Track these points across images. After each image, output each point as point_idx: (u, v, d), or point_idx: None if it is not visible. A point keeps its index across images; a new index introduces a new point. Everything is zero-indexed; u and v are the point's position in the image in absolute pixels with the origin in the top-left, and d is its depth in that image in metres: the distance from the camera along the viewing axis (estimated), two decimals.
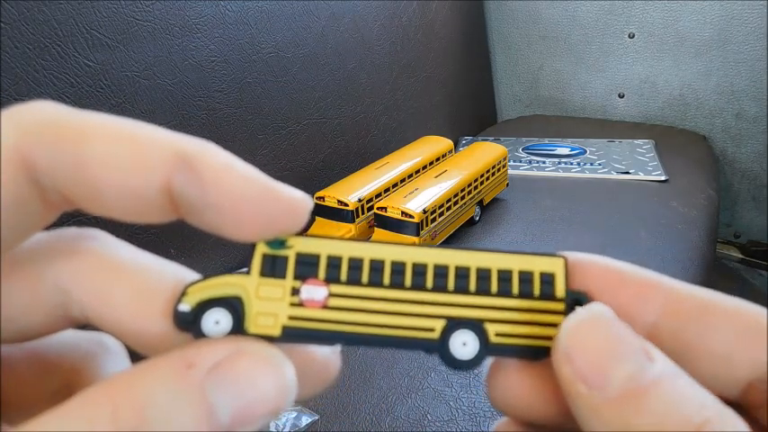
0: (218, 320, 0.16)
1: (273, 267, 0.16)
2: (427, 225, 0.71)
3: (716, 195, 1.01)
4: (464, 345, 0.16)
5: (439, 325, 0.16)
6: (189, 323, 0.15)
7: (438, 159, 0.89)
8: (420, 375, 0.58)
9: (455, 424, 0.52)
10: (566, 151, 1.14)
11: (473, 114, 1.37)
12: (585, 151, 1.14)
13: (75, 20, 0.56)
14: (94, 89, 0.58)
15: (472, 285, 0.17)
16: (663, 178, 0.99)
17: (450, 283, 0.17)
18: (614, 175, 1.02)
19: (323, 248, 0.16)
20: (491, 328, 0.16)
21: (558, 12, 1.33)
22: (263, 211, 0.15)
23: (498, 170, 0.89)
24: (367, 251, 0.17)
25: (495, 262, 0.17)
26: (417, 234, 0.69)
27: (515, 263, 0.17)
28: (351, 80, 0.94)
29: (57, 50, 0.55)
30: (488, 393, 0.17)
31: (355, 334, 0.17)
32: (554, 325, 0.16)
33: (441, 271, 0.17)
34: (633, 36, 1.28)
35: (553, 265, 0.17)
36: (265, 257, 0.16)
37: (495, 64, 1.46)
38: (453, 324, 0.16)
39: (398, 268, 0.16)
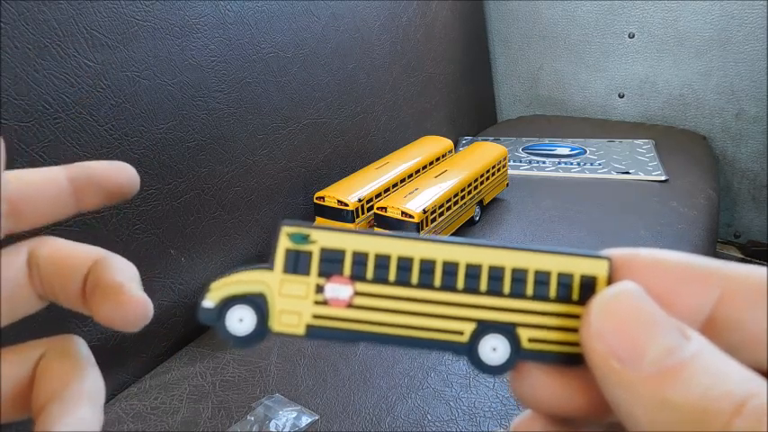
0: (242, 318, 0.15)
1: (297, 263, 0.16)
2: (427, 225, 0.71)
3: (716, 195, 1.01)
4: (494, 350, 0.16)
5: (469, 328, 0.16)
6: (213, 320, 0.15)
7: (438, 159, 0.89)
8: (420, 375, 0.58)
9: (455, 424, 0.52)
10: (566, 151, 1.14)
11: (473, 114, 1.37)
12: (585, 151, 1.14)
13: (75, 20, 0.56)
14: (94, 89, 0.58)
15: (506, 287, 0.16)
16: (663, 178, 0.99)
17: (483, 285, 0.16)
18: (614, 175, 1.02)
19: (348, 243, 0.16)
20: (524, 334, 0.16)
21: (558, 12, 1.33)
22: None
23: (498, 170, 0.89)
24: (395, 247, 0.16)
25: (532, 262, 0.16)
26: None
27: (555, 264, 0.16)
28: (351, 80, 0.94)
29: (57, 50, 0.55)
30: (511, 385, 0.16)
31: (381, 335, 0.16)
32: None
33: (473, 271, 0.16)
34: (633, 36, 1.28)
35: (596, 268, 0.16)
36: (288, 253, 0.16)
37: (495, 64, 1.46)
38: (484, 328, 0.16)
39: (428, 267, 0.16)
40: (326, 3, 0.89)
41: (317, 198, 0.75)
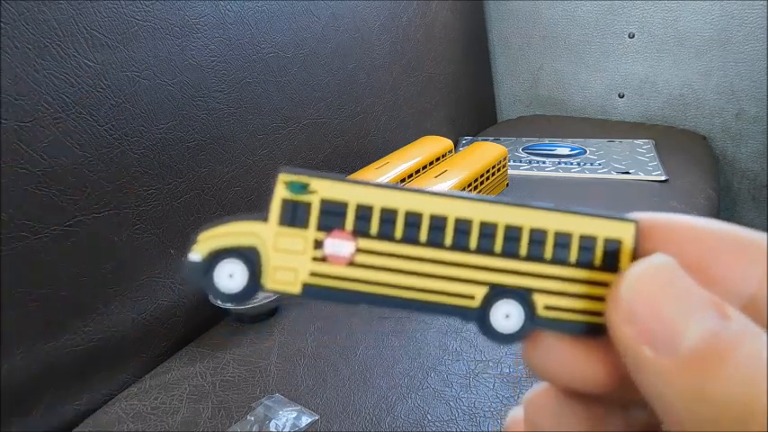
0: (232, 273, 0.14)
1: (294, 215, 0.14)
2: None
3: (716, 195, 1.00)
4: (507, 317, 0.14)
5: (480, 292, 0.14)
6: (200, 275, 0.14)
7: (438, 159, 0.89)
8: (420, 375, 0.58)
9: (455, 424, 0.52)
10: (566, 151, 1.14)
11: (473, 114, 1.37)
12: (585, 151, 1.14)
13: (75, 20, 0.56)
14: (94, 89, 0.58)
15: (523, 249, 0.14)
16: (663, 178, 0.99)
17: (498, 245, 0.14)
18: (614, 175, 1.02)
19: (352, 195, 0.14)
20: (540, 300, 0.14)
21: (558, 12, 1.33)
22: None
23: (498, 170, 0.89)
24: (403, 201, 0.14)
25: (553, 223, 0.14)
26: None
27: (577, 225, 0.14)
28: (351, 80, 0.94)
29: (57, 50, 0.55)
30: (524, 355, 0.15)
31: (384, 296, 0.14)
32: None
33: (488, 230, 0.14)
34: (633, 36, 1.28)
35: (621, 231, 0.14)
36: (285, 203, 0.14)
37: (495, 64, 1.46)
38: (497, 292, 0.14)
39: (438, 224, 0.14)
40: (326, 3, 0.89)
41: None
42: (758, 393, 0.11)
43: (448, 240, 0.14)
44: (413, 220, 0.14)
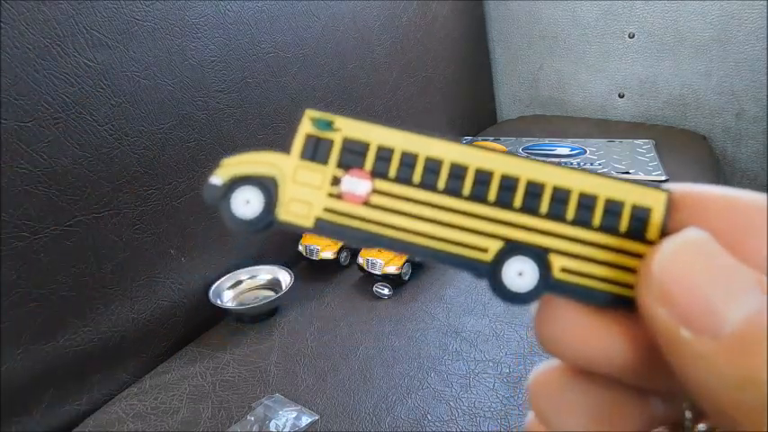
0: (248, 200, 0.14)
1: (316, 150, 0.14)
2: None
3: None
4: (520, 275, 0.14)
5: (495, 246, 0.14)
6: (218, 198, 0.14)
7: None
8: (420, 375, 0.58)
9: (455, 424, 0.52)
10: (566, 151, 1.14)
11: (473, 114, 1.37)
12: (585, 151, 1.14)
13: (75, 20, 0.56)
14: (94, 89, 0.58)
15: (544, 207, 0.14)
16: (663, 178, 0.99)
17: (518, 200, 0.14)
18: (614, 175, 1.02)
19: (375, 136, 0.14)
20: (557, 262, 0.14)
21: (558, 12, 1.33)
22: None
23: None
24: (425, 147, 0.14)
25: (578, 183, 0.14)
26: None
27: (604, 188, 0.14)
28: (351, 80, 0.94)
29: (57, 50, 0.55)
30: (536, 324, 0.14)
31: (394, 240, 0.14)
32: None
33: (509, 183, 0.14)
34: (633, 36, 1.28)
35: (652, 199, 0.14)
36: (309, 138, 0.15)
37: (495, 64, 1.46)
38: (512, 248, 0.14)
39: (458, 172, 0.14)
40: (326, 3, 0.89)
41: None
42: None
43: (466, 190, 0.14)
44: (433, 166, 0.14)
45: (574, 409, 0.14)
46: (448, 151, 0.14)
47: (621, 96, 1.34)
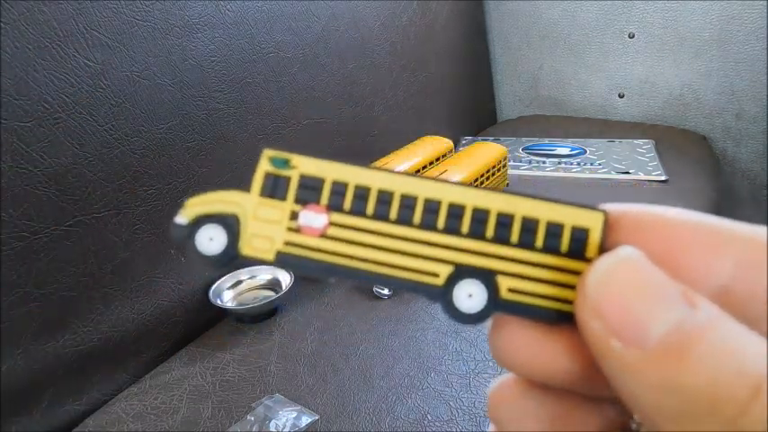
0: (212, 237, 0.15)
1: (274, 188, 0.15)
2: None
3: (716, 195, 1.00)
4: (470, 296, 0.14)
5: (445, 271, 0.15)
6: (183, 237, 0.15)
7: (438, 159, 0.89)
8: (420, 375, 0.58)
9: (455, 424, 0.52)
10: (566, 151, 1.14)
11: (473, 114, 1.37)
12: (585, 151, 1.14)
13: (75, 20, 0.56)
14: (94, 89, 0.58)
15: (489, 231, 0.15)
16: (663, 178, 0.99)
17: (465, 226, 0.15)
18: (614, 175, 1.02)
19: (329, 172, 0.15)
20: (504, 282, 0.14)
21: (558, 12, 1.33)
22: None
23: (498, 170, 0.89)
24: (377, 180, 0.15)
25: (521, 208, 0.15)
26: None
27: (545, 212, 0.14)
28: (351, 80, 0.94)
29: (57, 50, 0.55)
30: (490, 342, 0.15)
31: (352, 269, 0.15)
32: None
33: (456, 211, 0.15)
34: (633, 36, 1.28)
35: (590, 220, 0.14)
36: (267, 176, 0.15)
37: (495, 64, 1.46)
38: (461, 272, 0.15)
39: (409, 203, 0.15)
40: (326, 3, 0.89)
41: None
42: (725, 381, 0.11)
43: (417, 219, 0.15)
44: (384, 197, 0.15)
45: (531, 418, 0.15)
46: (398, 183, 0.15)
47: (621, 96, 1.34)
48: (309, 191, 0.15)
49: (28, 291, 0.54)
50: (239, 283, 0.73)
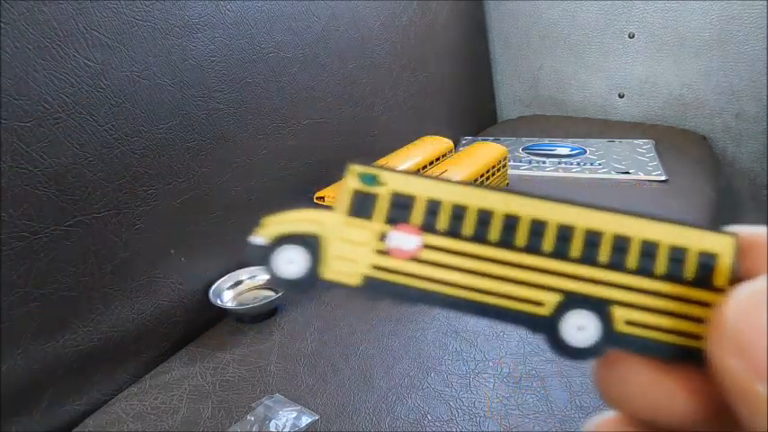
0: (292, 260, 0.14)
1: (362, 206, 0.14)
2: None
3: (716, 195, 1.00)
4: (580, 329, 0.13)
5: (552, 299, 0.13)
6: (261, 259, 0.14)
7: (438, 159, 0.89)
8: (420, 375, 0.58)
9: (455, 424, 0.52)
10: (566, 151, 1.14)
11: (473, 114, 1.37)
12: (585, 151, 1.14)
13: (75, 20, 0.56)
14: (94, 89, 0.58)
15: (603, 256, 0.13)
16: (663, 178, 0.99)
17: (576, 250, 0.13)
18: (614, 175, 1.02)
19: (422, 189, 0.14)
20: (620, 314, 0.13)
21: (558, 12, 1.33)
22: None
23: (498, 170, 0.89)
24: (476, 198, 0.13)
25: (640, 230, 0.13)
26: None
27: (666, 234, 0.13)
28: (351, 80, 0.94)
29: (57, 50, 0.55)
30: (596, 376, 0.13)
31: (446, 296, 0.13)
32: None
33: (565, 233, 0.13)
34: (633, 36, 1.28)
35: (719, 244, 0.13)
36: (356, 194, 0.14)
37: (495, 64, 1.46)
38: (571, 301, 0.13)
39: (511, 223, 0.13)
40: (326, 3, 0.89)
41: (317, 198, 0.75)
42: None
43: (521, 241, 0.13)
44: (484, 217, 0.13)
45: None
46: (499, 202, 0.14)
47: (621, 96, 1.34)
48: (400, 209, 0.14)
49: (28, 291, 0.54)
50: (239, 283, 0.73)
